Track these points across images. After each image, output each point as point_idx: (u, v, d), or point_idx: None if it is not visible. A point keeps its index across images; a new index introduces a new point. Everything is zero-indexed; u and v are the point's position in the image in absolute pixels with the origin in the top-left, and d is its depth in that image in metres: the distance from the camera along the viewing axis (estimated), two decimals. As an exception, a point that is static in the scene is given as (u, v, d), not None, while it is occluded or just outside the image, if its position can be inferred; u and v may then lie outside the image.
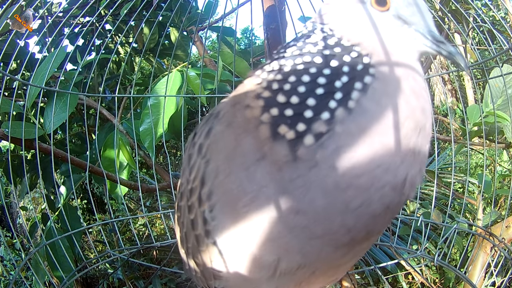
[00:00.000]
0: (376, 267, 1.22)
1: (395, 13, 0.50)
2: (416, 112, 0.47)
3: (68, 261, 1.23)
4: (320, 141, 0.44)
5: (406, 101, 0.46)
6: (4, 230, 2.90)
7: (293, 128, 0.45)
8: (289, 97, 0.46)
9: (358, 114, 0.45)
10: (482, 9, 2.52)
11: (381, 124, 0.45)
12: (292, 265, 0.48)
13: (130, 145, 1.66)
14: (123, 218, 1.61)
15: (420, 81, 0.49)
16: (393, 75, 0.48)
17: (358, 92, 0.45)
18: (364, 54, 0.48)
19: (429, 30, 0.51)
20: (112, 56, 2.07)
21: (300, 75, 0.47)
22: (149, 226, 1.98)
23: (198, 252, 0.53)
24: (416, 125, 0.46)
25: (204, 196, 0.50)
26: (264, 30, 1.23)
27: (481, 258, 1.46)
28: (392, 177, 0.44)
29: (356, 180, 0.43)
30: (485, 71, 1.40)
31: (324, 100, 0.45)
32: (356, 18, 0.51)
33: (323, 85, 0.46)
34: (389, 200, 0.45)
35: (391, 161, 0.44)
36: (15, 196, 2.18)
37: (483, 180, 1.35)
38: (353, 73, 0.47)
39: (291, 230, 0.46)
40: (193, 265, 0.57)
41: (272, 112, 0.46)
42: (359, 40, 0.50)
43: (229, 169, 0.48)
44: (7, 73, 1.01)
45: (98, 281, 2.80)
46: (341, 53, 0.48)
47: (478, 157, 3.53)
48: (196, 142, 0.54)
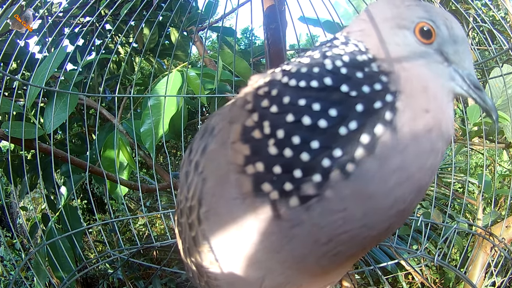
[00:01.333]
0: (376, 267, 1.22)
1: (438, 48, 0.46)
2: (423, 171, 0.42)
3: (68, 261, 1.23)
4: (307, 204, 0.40)
5: (416, 160, 0.41)
6: (4, 230, 2.89)
7: (278, 188, 0.40)
8: (282, 149, 0.40)
9: (356, 179, 0.39)
10: (482, 9, 2.53)
11: (379, 189, 0.40)
12: (275, 283, 0.49)
13: (130, 145, 1.66)
14: (123, 218, 1.61)
15: (445, 131, 0.43)
16: (415, 126, 0.41)
17: (363, 150, 0.39)
18: (391, 90, 0.41)
19: (468, 74, 0.46)
20: (112, 56, 2.07)
21: (300, 115, 0.40)
22: (149, 226, 1.97)
23: (202, 266, 0.53)
24: (418, 185, 0.42)
25: (202, 216, 0.49)
26: (264, 30, 1.23)
27: (481, 258, 1.46)
28: (375, 231, 0.43)
29: (338, 236, 0.41)
30: (485, 71, 1.41)
31: (319, 157, 0.39)
32: (394, 43, 0.45)
33: (323, 130, 0.39)
34: (367, 245, 0.45)
35: (378, 221, 0.42)
36: (15, 196, 2.18)
37: (483, 180, 1.35)
38: (366, 117, 0.39)
39: (271, 259, 0.46)
40: (197, 276, 0.58)
41: (258, 168, 0.41)
42: (391, 68, 0.43)
43: (221, 192, 0.46)
44: (7, 73, 1.01)
45: (98, 281, 2.80)
46: (361, 80, 0.41)
47: (478, 157, 3.53)
48: (192, 160, 0.52)
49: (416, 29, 0.45)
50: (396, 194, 0.41)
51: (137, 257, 2.00)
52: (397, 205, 0.41)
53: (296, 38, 1.48)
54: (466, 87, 0.46)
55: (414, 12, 0.46)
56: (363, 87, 0.41)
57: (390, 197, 0.41)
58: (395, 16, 0.47)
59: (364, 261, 1.82)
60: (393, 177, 0.40)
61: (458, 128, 1.80)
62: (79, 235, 1.58)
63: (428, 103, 0.42)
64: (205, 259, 0.51)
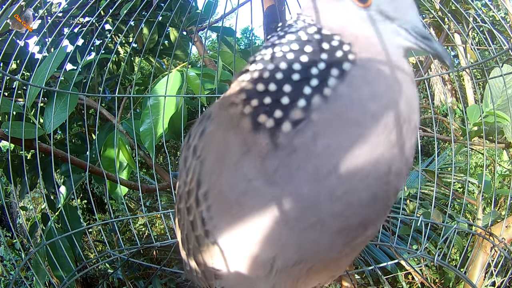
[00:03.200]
0: (376, 267, 1.22)
1: (377, 9, 0.50)
2: (399, 102, 0.46)
3: (68, 261, 1.23)
4: (297, 128, 0.44)
5: (387, 90, 0.46)
6: (4, 230, 2.89)
7: (271, 116, 0.45)
8: (267, 84, 0.47)
9: (334, 101, 0.45)
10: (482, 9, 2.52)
11: (358, 113, 0.44)
12: (288, 262, 0.48)
13: (130, 145, 1.66)
14: (123, 218, 1.61)
15: (405, 72, 0.49)
16: (375, 63, 0.47)
17: (335, 79, 0.45)
18: (345, 42, 0.48)
19: (413, 26, 0.50)
20: (112, 56, 2.07)
21: (278, 62, 0.48)
22: (149, 226, 1.97)
23: (199, 253, 0.53)
24: (398, 115, 0.46)
25: (201, 197, 0.50)
26: (264, 30, 1.23)
27: (481, 258, 1.45)
28: (373, 167, 0.45)
29: (336, 168, 0.44)
30: (485, 71, 1.41)
31: (300, 87, 0.46)
32: (338, 13, 0.51)
33: (299, 71, 0.46)
34: (375, 189, 0.46)
35: (370, 150, 0.44)
36: (15, 196, 2.18)
37: (483, 180, 1.35)
38: (331, 60, 0.47)
39: (283, 223, 0.46)
40: (194, 266, 0.57)
41: (253, 103, 0.47)
42: (340, 31, 0.50)
43: (220, 169, 0.48)
44: (7, 73, 1.01)
45: (98, 281, 2.80)
46: (320, 40, 0.48)
47: (478, 157, 3.53)
48: (190, 144, 0.54)
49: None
50: (379, 122, 0.44)
51: (137, 257, 1.99)
52: (383, 134, 0.45)
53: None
54: (413, 39, 0.50)
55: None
56: (322, 44, 0.48)
57: (371, 122, 0.44)
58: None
59: (364, 261, 1.82)
60: (370, 105, 0.45)
61: (458, 128, 1.80)
62: (79, 235, 1.58)
63: (379, 52, 0.48)
64: (203, 244, 0.51)
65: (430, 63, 2.16)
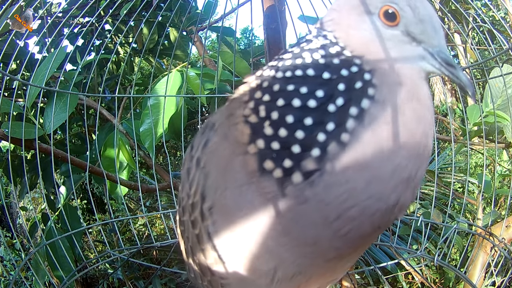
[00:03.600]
0: (376, 267, 1.22)
1: (404, 29, 0.47)
2: (416, 138, 0.44)
3: (68, 261, 1.23)
4: (310, 180, 0.41)
5: (405, 128, 0.43)
6: (4, 230, 2.89)
7: (279, 165, 0.42)
8: (277, 129, 0.43)
9: (352, 148, 0.41)
10: (482, 9, 2.53)
11: (376, 156, 0.42)
12: (288, 273, 0.49)
13: (130, 145, 1.66)
14: (123, 218, 1.61)
15: (425, 101, 0.46)
16: (395, 97, 0.44)
17: (354, 121, 0.42)
18: (366, 69, 0.44)
19: (438, 51, 0.47)
20: (112, 56, 2.07)
21: (290, 98, 0.43)
22: (149, 226, 1.98)
23: (206, 264, 0.53)
24: (414, 151, 0.44)
25: (206, 211, 0.49)
26: (264, 30, 1.23)
27: (481, 258, 1.46)
28: (383, 204, 0.43)
29: (346, 212, 0.42)
30: (485, 71, 1.40)
31: (313, 133, 0.42)
32: (362, 29, 0.48)
33: (313, 111, 0.42)
34: (378, 223, 0.45)
35: (383, 190, 0.43)
36: (15, 196, 2.18)
37: (483, 180, 1.35)
38: (350, 94, 0.43)
39: (283, 246, 0.46)
40: (199, 274, 0.58)
41: (259, 144, 0.43)
42: (362, 52, 0.46)
43: (225, 184, 0.47)
44: (7, 73, 1.01)
45: (98, 281, 2.80)
46: (339, 66, 0.44)
47: (478, 157, 3.53)
48: (193, 156, 0.53)
49: (380, 13, 0.47)
50: (394, 161, 0.42)
51: (137, 257, 1.99)
52: (398, 172, 0.43)
53: (296, 38, 1.49)
54: (438, 64, 0.48)
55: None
56: (341, 71, 0.44)
57: (388, 164, 0.42)
58: (360, 3, 0.49)
59: (364, 261, 1.82)
60: (387, 145, 0.42)
61: (458, 128, 1.80)
62: (79, 235, 1.58)
63: (401, 78, 0.45)
64: (209, 256, 0.51)
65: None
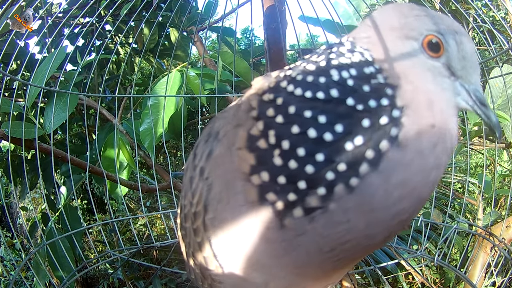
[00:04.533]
0: (376, 267, 1.22)
1: (446, 63, 0.45)
2: (428, 186, 0.42)
3: (68, 261, 1.23)
4: (311, 216, 0.40)
5: (421, 175, 0.41)
6: (4, 230, 2.89)
7: (282, 198, 0.40)
8: (287, 160, 0.40)
9: (359, 192, 0.39)
10: (482, 9, 2.53)
11: (382, 202, 0.40)
12: (280, 286, 0.50)
13: (130, 145, 1.66)
14: (123, 218, 1.61)
15: (449, 145, 0.43)
16: (421, 142, 0.40)
17: (368, 166, 0.39)
18: (398, 105, 0.40)
19: (475, 89, 0.46)
20: (112, 57, 2.07)
21: (306, 126, 0.40)
22: (149, 226, 1.98)
23: (207, 270, 0.54)
24: (421, 197, 0.42)
25: (208, 222, 0.49)
26: (264, 30, 1.23)
27: (481, 258, 1.46)
28: (377, 239, 0.44)
29: (341, 246, 0.42)
30: (485, 71, 1.40)
31: (322, 171, 0.39)
32: (401, 54, 0.44)
33: (328, 144, 0.39)
34: (368, 250, 0.47)
35: (381, 230, 0.42)
36: (15, 196, 2.18)
37: (483, 180, 1.35)
38: (371, 133, 0.39)
39: (275, 265, 0.47)
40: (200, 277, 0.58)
41: (263, 177, 0.41)
42: (397, 81, 0.42)
43: (227, 198, 0.46)
44: (7, 73, 1.01)
45: (98, 281, 2.80)
46: (368, 94, 0.40)
47: (478, 157, 3.53)
48: (197, 165, 0.52)
49: (424, 41, 0.44)
50: (398, 207, 0.41)
51: (137, 257, 2.00)
52: (398, 216, 0.42)
53: (296, 38, 1.49)
54: (472, 102, 0.46)
55: (423, 23, 0.45)
56: (369, 101, 0.40)
57: (392, 210, 0.41)
58: (403, 26, 0.45)
59: (364, 261, 1.82)
60: (396, 192, 0.40)
61: (458, 128, 1.80)
62: (79, 235, 1.58)
63: (433, 118, 0.42)
64: (211, 263, 0.51)
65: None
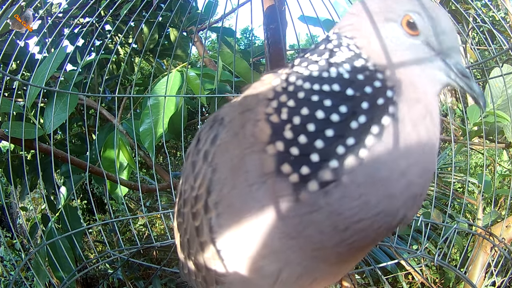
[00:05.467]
0: (376, 267, 1.22)
1: (425, 40, 0.48)
2: (427, 155, 0.45)
3: (68, 261, 1.23)
4: (325, 189, 0.42)
5: (419, 145, 0.44)
6: (4, 231, 2.89)
7: (297, 171, 0.43)
8: (297, 135, 0.43)
9: (369, 164, 0.42)
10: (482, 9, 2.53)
11: (391, 173, 0.43)
12: (293, 275, 0.49)
13: (130, 145, 1.66)
14: (123, 218, 1.61)
15: (436, 118, 0.47)
16: (412, 115, 0.45)
17: (374, 138, 0.43)
18: (388, 86, 0.45)
19: (455, 62, 0.48)
20: (112, 57, 2.07)
21: (314, 108, 0.44)
22: (149, 226, 1.97)
23: (202, 258, 0.53)
24: (425, 168, 0.45)
25: (211, 204, 0.49)
26: (264, 30, 1.23)
27: (481, 258, 1.45)
28: (391, 219, 0.45)
29: (355, 224, 0.43)
30: (485, 71, 1.40)
31: (333, 145, 0.42)
32: (383, 37, 0.48)
33: (336, 125, 0.43)
34: (383, 235, 0.47)
35: (393, 206, 0.44)
36: (15, 197, 2.18)
37: (483, 180, 1.35)
38: (372, 112, 0.43)
39: (289, 247, 0.46)
40: (194, 270, 0.57)
41: (278, 147, 0.44)
42: (384, 64, 0.46)
43: (233, 182, 0.47)
44: (7, 73, 1.01)
45: (98, 281, 2.79)
46: (363, 82, 0.44)
47: (478, 157, 3.53)
48: (200, 149, 0.52)
49: (403, 21, 0.48)
50: (407, 177, 0.43)
51: (137, 257, 1.99)
52: (409, 189, 0.44)
53: (296, 38, 1.49)
54: (454, 75, 0.49)
55: (400, 4, 0.48)
56: (365, 88, 0.44)
57: (401, 180, 0.43)
58: (382, 10, 0.48)
59: (364, 261, 1.81)
60: (402, 162, 0.43)
61: (458, 128, 1.80)
62: (79, 235, 1.58)
63: (418, 94, 0.46)
64: (207, 250, 0.51)
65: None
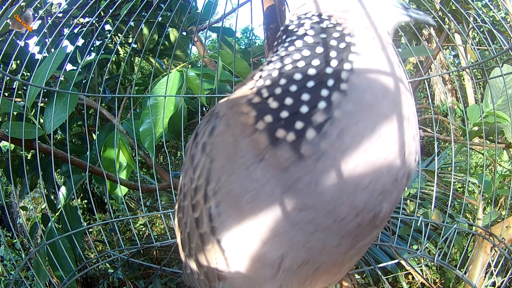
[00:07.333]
0: (376, 267, 1.22)
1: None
2: (400, 79, 0.49)
3: (68, 261, 1.23)
4: (323, 131, 0.43)
5: (388, 70, 0.49)
6: (4, 230, 2.90)
7: (291, 129, 0.44)
8: (283, 100, 0.46)
9: (352, 92, 0.45)
10: (482, 9, 2.53)
11: (372, 96, 0.46)
12: (296, 261, 0.48)
13: (130, 145, 1.66)
14: (123, 218, 1.60)
15: (393, 54, 0.52)
16: (372, 49, 0.50)
17: (347, 72, 0.46)
18: (346, 33, 0.50)
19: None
20: (112, 57, 2.07)
21: (290, 75, 0.48)
22: (149, 226, 1.98)
23: (203, 252, 0.52)
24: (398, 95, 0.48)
25: (210, 193, 0.49)
26: (264, 30, 1.23)
27: (481, 258, 1.46)
28: (394, 144, 0.46)
29: (364, 156, 0.44)
30: (485, 71, 1.40)
31: (317, 91, 0.45)
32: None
33: (314, 76, 0.47)
34: (395, 172, 0.46)
35: (389, 129, 0.46)
36: (15, 196, 2.19)
37: (483, 180, 1.35)
38: (341, 56, 0.48)
39: (295, 225, 0.45)
40: (195, 268, 0.56)
41: (266, 119, 0.46)
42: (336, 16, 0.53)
43: (231, 169, 0.47)
44: (7, 73, 1.01)
45: (98, 281, 2.80)
46: (326, 39, 0.50)
47: (478, 157, 3.53)
48: (199, 142, 0.53)
49: None
50: (390, 98, 0.47)
51: (137, 257, 2.00)
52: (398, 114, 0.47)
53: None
54: (401, 10, 0.57)
55: None
56: (330, 42, 0.49)
57: (385, 105, 0.46)
58: None
59: (364, 261, 1.82)
60: (377, 86, 0.47)
61: (458, 128, 1.80)
62: (79, 235, 1.58)
63: (372, 33, 0.51)
64: (208, 242, 0.50)
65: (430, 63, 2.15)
